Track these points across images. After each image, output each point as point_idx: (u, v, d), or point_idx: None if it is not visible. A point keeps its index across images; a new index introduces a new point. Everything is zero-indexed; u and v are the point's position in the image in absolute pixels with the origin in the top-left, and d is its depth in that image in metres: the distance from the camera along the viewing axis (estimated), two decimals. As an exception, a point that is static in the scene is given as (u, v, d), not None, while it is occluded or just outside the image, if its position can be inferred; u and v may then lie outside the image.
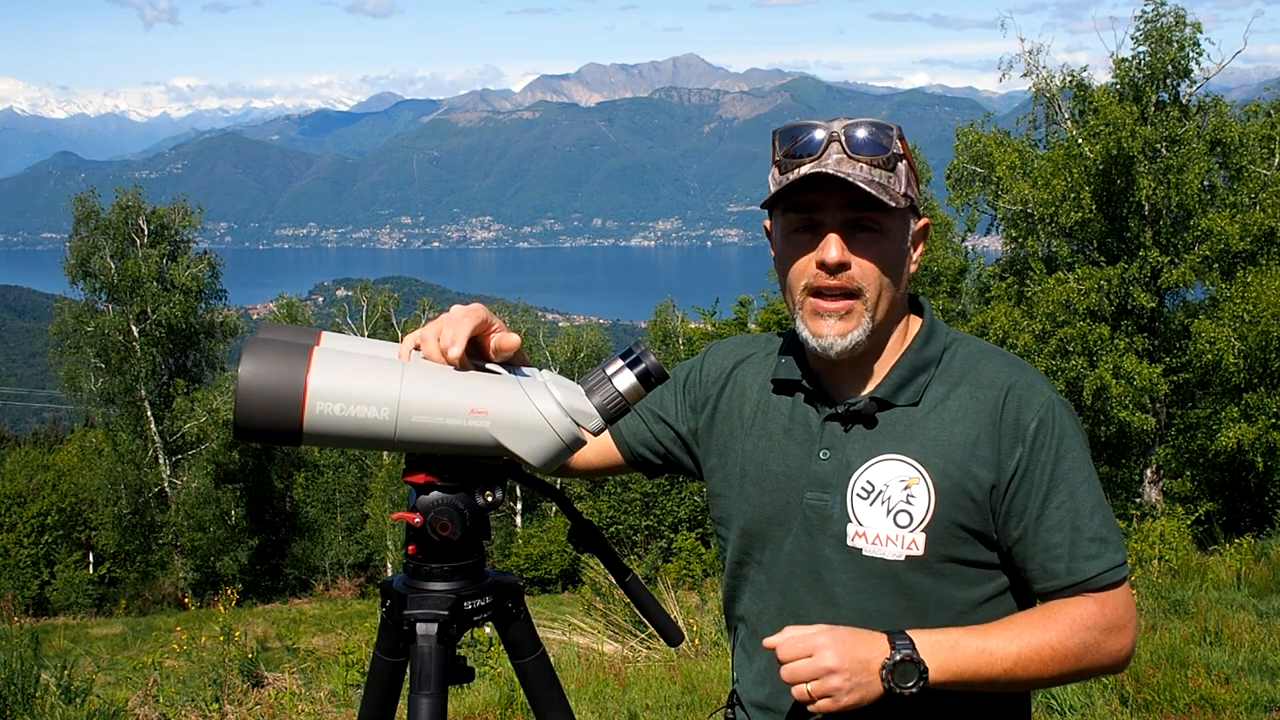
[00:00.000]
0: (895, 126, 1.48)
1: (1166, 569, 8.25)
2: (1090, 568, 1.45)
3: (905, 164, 1.49)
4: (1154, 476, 20.27)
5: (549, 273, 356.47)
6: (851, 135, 1.45)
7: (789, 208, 1.50)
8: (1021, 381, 1.51)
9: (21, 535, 30.98)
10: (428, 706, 1.22)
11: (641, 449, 1.76)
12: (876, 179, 1.45)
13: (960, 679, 1.39)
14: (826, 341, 1.48)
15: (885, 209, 1.46)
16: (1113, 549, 1.47)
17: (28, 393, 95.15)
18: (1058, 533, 1.46)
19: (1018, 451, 1.47)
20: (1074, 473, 1.48)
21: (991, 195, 21.00)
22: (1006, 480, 1.47)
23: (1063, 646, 1.42)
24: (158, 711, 5.77)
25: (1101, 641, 1.44)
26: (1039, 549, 1.46)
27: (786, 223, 1.51)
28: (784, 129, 1.51)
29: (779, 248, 1.54)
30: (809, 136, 1.47)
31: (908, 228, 1.53)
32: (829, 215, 1.46)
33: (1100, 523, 1.47)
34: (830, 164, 1.44)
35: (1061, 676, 1.44)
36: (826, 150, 1.45)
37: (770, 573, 1.59)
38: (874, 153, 1.45)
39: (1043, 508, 1.46)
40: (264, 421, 1.15)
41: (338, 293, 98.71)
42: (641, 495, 31.37)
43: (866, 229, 1.47)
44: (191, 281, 31.10)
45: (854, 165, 1.44)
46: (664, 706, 5.21)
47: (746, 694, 1.65)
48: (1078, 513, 1.46)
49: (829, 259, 1.45)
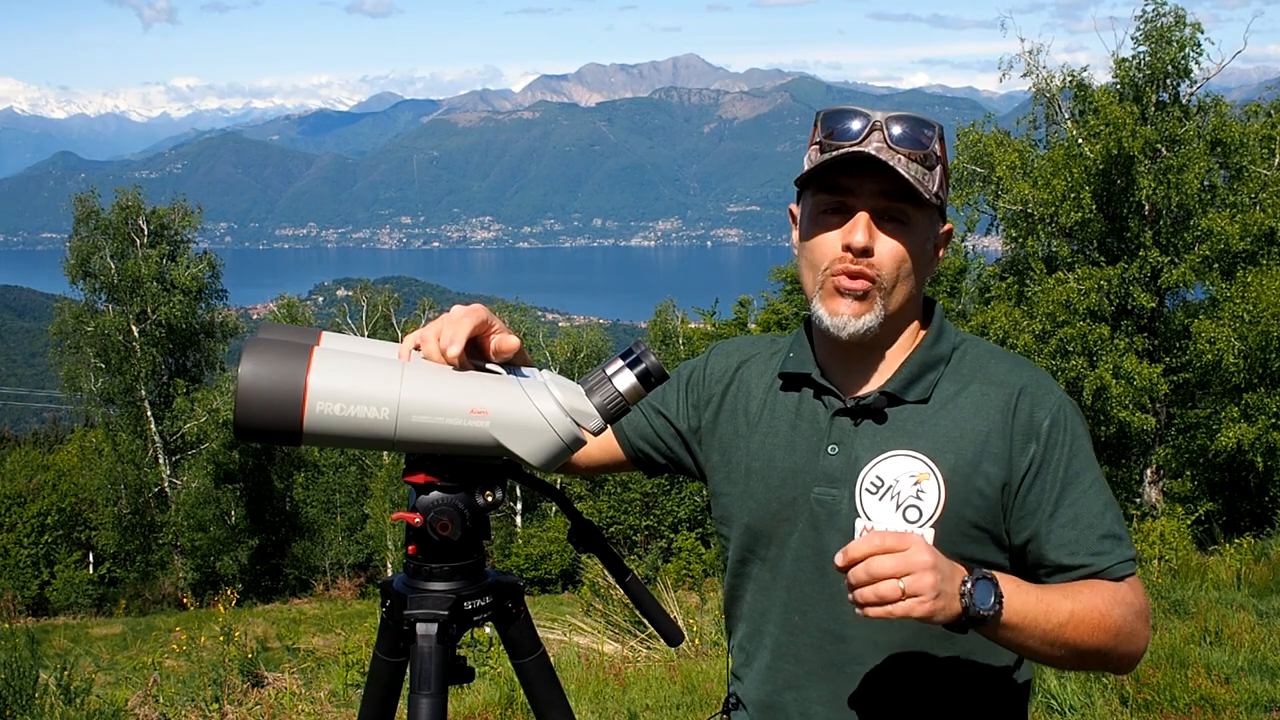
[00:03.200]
0: (937, 126, 1.49)
1: (1166, 569, 8.25)
2: (1105, 560, 1.46)
3: (941, 166, 1.50)
4: (1154, 476, 20.28)
5: (549, 273, 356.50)
6: (893, 127, 1.46)
7: (821, 188, 1.50)
8: (1034, 381, 1.52)
9: (21, 535, 30.98)
10: (428, 706, 1.22)
11: (644, 445, 1.76)
12: (913, 173, 1.45)
13: (1023, 622, 1.35)
14: (840, 320, 1.48)
15: (918, 201, 1.46)
16: (1125, 545, 1.48)
17: (28, 393, 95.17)
18: (1072, 529, 1.46)
19: (1031, 449, 1.48)
20: (1086, 472, 1.49)
21: (991, 195, 21.00)
22: (1020, 477, 1.48)
23: (1109, 614, 1.41)
24: (158, 711, 5.77)
25: (1134, 624, 1.44)
26: (1053, 545, 1.47)
27: (817, 203, 1.51)
28: (829, 111, 1.51)
29: (805, 228, 1.54)
30: (852, 121, 1.47)
31: (935, 227, 1.54)
32: (861, 200, 1.47)
33: (1112, 520, 1.48)
34: (870, 149, 1.44)
35: (1099, 650, 1.42)
36: (868, 138, 1.46)
37: (776, 569, 1.58)
38: (913, 147, 1.46)
39: (1057, 504, 1.47)
40: (264, 421, 1.15)
41: (338, 293, 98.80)
42: (641, 495, 31.38)
43: (895, 219, 1.47)
44: (191, 281, 31.11)
45: (893, 156, 1.45)
46: (664, 706, 5.21)
47: (747, 694, 1.64)
48: (1090, 510, 1.47)
49: (855, 242, 1.45)
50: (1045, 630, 1.36)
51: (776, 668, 1.58)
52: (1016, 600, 1.34)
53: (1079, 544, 1.46)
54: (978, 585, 1.30)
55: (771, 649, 1.59)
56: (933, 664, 1.51)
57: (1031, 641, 1.37)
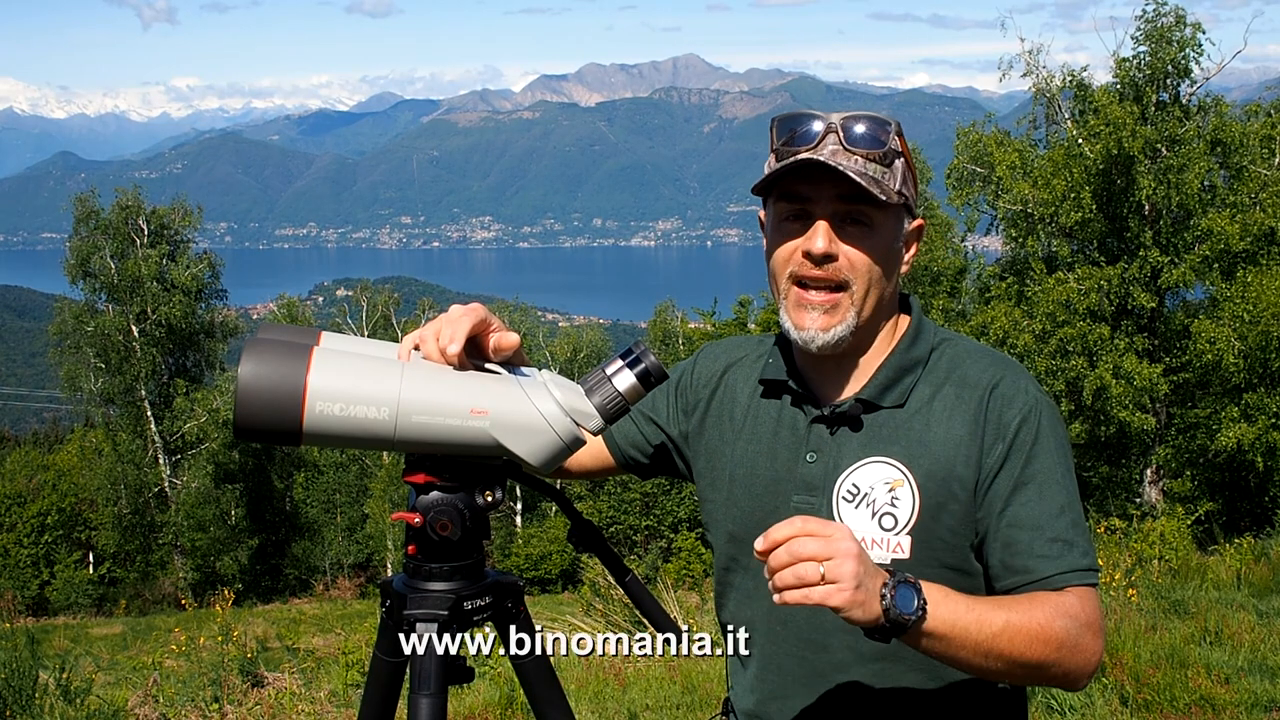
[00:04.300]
0: (894, 122, 1.47)
1: (1166, 569, 8.24)
2: (1046, 566, 1.40)
3: (902, 161, 1.48)
4: (1154, 476, 20.28)
5: (549, 273, 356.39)
6: (849, 128, 1.44)
7: (781, 196, 1.49)
8: (1007, 379, 1.49)
9: (21, 535, 30.98)
10: (428, 706, 1.22)
11: (632, 451, 1.75)
12: (870, 173, 1.43)
13: (952, 632, 1.28)
14: (809, 335, 1.47)
15: (877, 203, 1.44)
16: (1077, 552, 1.41)
17: (28, 393, 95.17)
18: (1019, 530, 1.42)
19: (997, 448, 1.45)
20: (1046, 473, 1.44)
21: (991, 195, 21.01)
22: (985, 476, 1.45)
23: (1048, 627, 1.33)
24: (158, 711, 5.77)
25: (1080, 637, 1.36)
26: (999, 545, 1.42)
27: (778, 211, 1.51)
28: (782, 117, 1.50)
29: (769, 236, 1.53)
30: (807, 126, 1.46)
31: (901, 226, 1.52)
32: (820, 206, 1.45)
33: (1066, 525, 1.42)
34: (825, 154, 1.43)
35: (1040, 665, 1.34)
36: (823, 141, 1.44)
37: (759, 577, 1.55)
38: (870, 147, 1.44)
39: (1007, 503, 1.43)
40: (264, 421, 1.15)
41: (338, 293, 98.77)
42: (641, 495, 31.38)
43: (858, 222, 1.46)
44: (191, 281, 31.11)
45: (849, 158, 1.43)
46: (664, 706, 5.21)
47: (739, 702, 1.63)
48: (1044, 511, 1.42)
49: (815, 249, 1.44)
50: (977, 641, 1.29)
51: (762, 678, 1.57)
52: (944, 609, 1.27)
53: (1022, 545, 1.41)
54: (899, 589, 1.24)
55: (758, 658, 1.58)
56: (914, 672, 1.49)
57: (963, 653, 1.30)
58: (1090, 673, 1.39)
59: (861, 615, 1.22)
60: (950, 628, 1.28)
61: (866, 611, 1.22)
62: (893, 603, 1.23)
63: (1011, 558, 1.41)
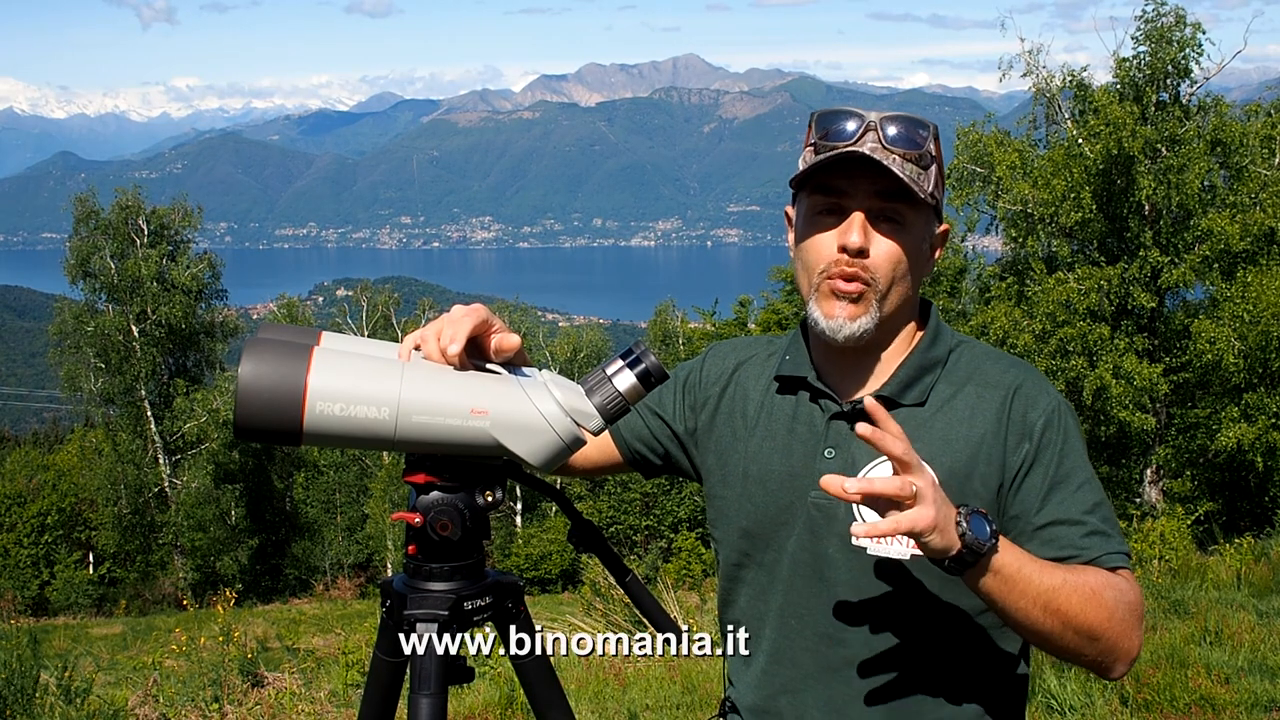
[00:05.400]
0: (932, 126, 1.48)
1: (1166, 569, 8.25)
2: (1096, 546, 1.43)
3: (936, 166, 1.49)
4: (1154, 476, 20.28)
5: (549, 273, 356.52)
6: (888, 127, 1.45)
7: (816, 189, 1.50)
8: (1029, 382, 1.52)
9: (21, 535, 30.99)
10: (428, 706, 1.22)
11: (640, 447, 1.75)
12: (908, 173, 1.44)
13: (1017, 575, 1.32)
14: (836, 324, 1.47)
15: (913, 201, 1.46)
16: (1115, 540, 1.45)
17: (28, 393, 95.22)
18: (1060, 526, 1.45)
19: (1023, 448, 1.47)
20: (1076, 472, 1.47)
21: (991, 195, 21.00)
22: (1011, 476, 1.47)
23: (1102, 593, 1.37)
24: (158, 711, 5.77)
25: (1127, 615, 1.39)
26: (1037, 543, 1.45)
27: (812, 204, 1.51)
28: (823, 112, 1.51)
29: (800, 230, 1.53)
30: (847, 122, 1.47)
31: (931, 228, 1.53)
32: (856, 200, 1.46)
33: (1100, 519, 1.46)
34: (865, 149, 1.44)
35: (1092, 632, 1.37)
36: (862, 138, 1.45)
37: (773, 573, 1.57)
38: (908, 147, 1.45)
39: (1043, 502, 1.45)
40: (264, 421, 1.15)
41: (338, 293, 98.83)
42: (641, 495, 31.39)
43: (890, 219, 1.47)
44: (191, 281, 31.11)
45: (888, 156, 1.44)
46: (664, 706, 5.22)
47: (742, 698, 1.63)
48: (1078, 509, 1.45)
49: (850, 243, 1.45)
50: (1039, 590, 1.33)
51: (772, 672, 1.57)
52: (1010, 551, 1.32)
53: (1065, 540, 1.44)
54: (973, 518, 1.29)
55: (768, 653, 1.58)
56: (929, 666, 1.50)
57: (1023, 602, 1.33)
58: (1131, 659, 1.42)
59: (939, 541, 1.26)
60: (1016, 570, 1.32)
61: (944, 538, 1.26)
62: (968, 528, 1.28)
63: (1058, 551, 1.44)
